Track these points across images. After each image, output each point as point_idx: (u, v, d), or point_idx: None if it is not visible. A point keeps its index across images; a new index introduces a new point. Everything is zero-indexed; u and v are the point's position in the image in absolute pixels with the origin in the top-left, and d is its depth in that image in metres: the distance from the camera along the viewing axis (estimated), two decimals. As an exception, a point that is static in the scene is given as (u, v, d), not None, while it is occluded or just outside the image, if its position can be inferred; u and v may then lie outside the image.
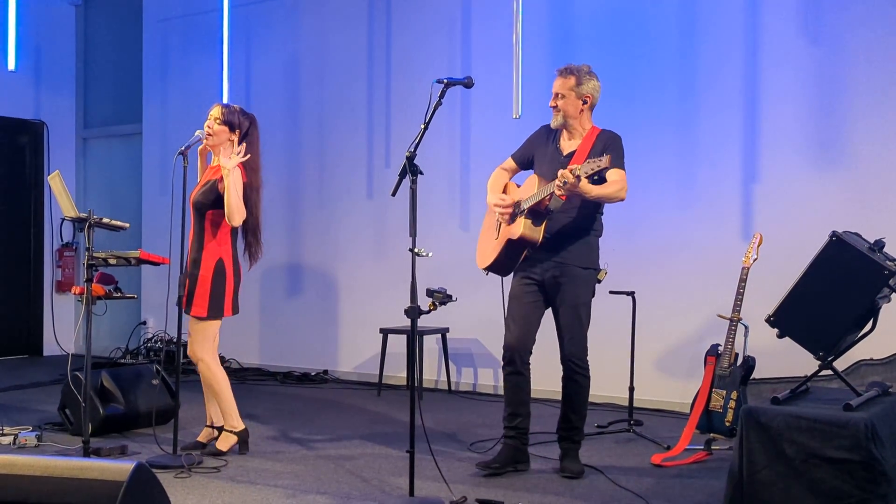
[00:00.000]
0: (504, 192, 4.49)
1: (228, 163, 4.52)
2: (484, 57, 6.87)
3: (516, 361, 4.34)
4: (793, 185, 5.76)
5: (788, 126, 5.79)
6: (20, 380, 7.28)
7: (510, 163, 4.60)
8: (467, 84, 4.12)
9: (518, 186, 4.47)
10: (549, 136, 4.48)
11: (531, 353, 4.39)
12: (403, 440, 4.44)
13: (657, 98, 6.22)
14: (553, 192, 4.02)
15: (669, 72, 6.19)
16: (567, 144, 4.39)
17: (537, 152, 4.48)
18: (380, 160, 7.45)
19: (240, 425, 4.78)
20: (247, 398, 6.07)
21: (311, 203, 7.81)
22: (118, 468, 2.74)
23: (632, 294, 5.45)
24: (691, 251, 6.07)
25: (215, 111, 4.73)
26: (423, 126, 3.98)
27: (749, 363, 4.79)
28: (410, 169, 3.91)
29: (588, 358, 4.38)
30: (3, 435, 4.95)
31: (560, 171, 3.92)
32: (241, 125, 4.72)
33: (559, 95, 4.33)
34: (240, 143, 4.70)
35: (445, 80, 4.06)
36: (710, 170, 6.04)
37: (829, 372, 3.63)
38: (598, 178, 4.06)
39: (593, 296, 4.40)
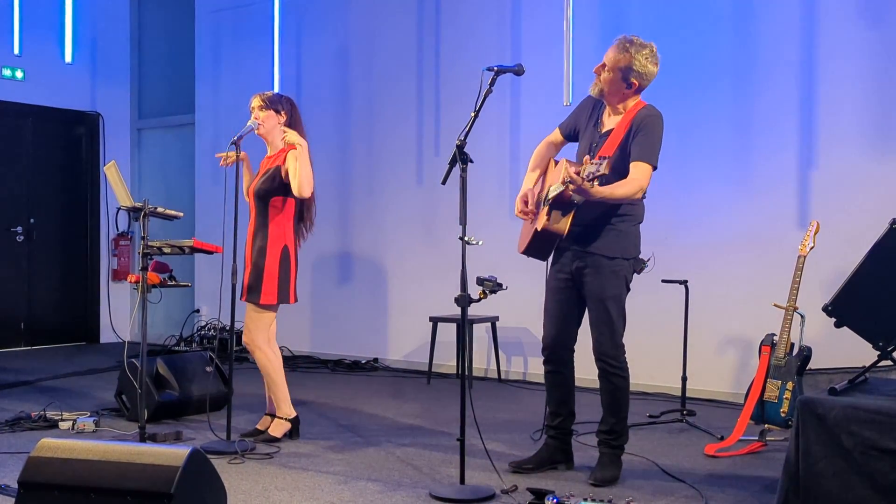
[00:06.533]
0: (545, 173, 4.22)
1: (300, 138, 4.62)
2: (534, 44, 6.82)
3: (554, 359, 4.17)
4: (851, 171, 5.63)
5: (846, 111, 5.66)
6: (78, 366, 7.44)
7: (557, 135, 4.30)
8: (518, 71, 4.05)
9: (554, 169, 4.14)
10: (594, 107, 4.17)
11: (572, 350, 4.18)
12: (453, 429, 4.44)
13: (712, 84, 6.11)
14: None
15: (724, 57, 6.08)
16: (608, 121, 4.09)
17: (581, 125, 4.20)
18: (429, 148, 7.45)
19: (292, 413, 4.84)
20: (298, 385, 6.11)
21: (361, 191, 7.84)
22: (174, 453, 2.79)
23: (685, 283, 5.38)
24: (746, 239, 5.97)
25: (255, 101, 4.82)
26: (473, 114, 3.95)
27: (805, 353, 4.71)
28: (460, 157, 3.88)
29: (626, 356, 4.05)
30: (63, 420, 5.07)
31: (566, 169, 3.71)
32: (284, 108, 4.82)
33: (605, 66, 3.99)
34: (287, 125, 4.80)
35: (496, 68, 4.00)
36: (766, 156, 5.93)
37: (889, 362, 3.55)
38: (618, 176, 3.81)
39: (628, 290, 4.06)
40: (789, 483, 3.34)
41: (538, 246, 4.11)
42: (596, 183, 3.70)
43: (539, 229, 3.99)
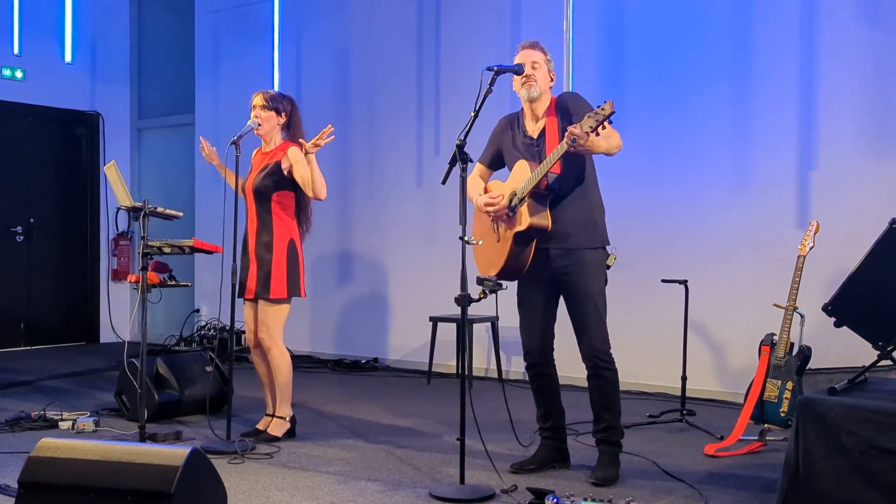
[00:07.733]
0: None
1: (315, 148, 4.58)
2: (534, 44, 6.81)
3: (538, 364, 4.19)
4: (851, 171, 5.63)
5: (846, 111, 5.66)
6: (78, 366, 7.44)
7: (480, 168, 4.32)
8: (518, 71, 4.06)
9: (502, 183, 4.16)
10: (511, 126, 4.22)
11: (553, 349, 4.21)
12: (453, 428, 4.44)
13: (712, 84, 6.11)
14: (548, 170, 3.84)
15: (724, 58, 6.08)
16: (534, 127, 4.12)
17: (505, 147, 4.22)
18: (429, 148, 7.44)
19: (290, 412, 4.86)
20: (298, 385, 6.09)
21: (361, 191, 7.84)
22: (174, 453, 2.79)
23: (685, 282, 5.38)
24: (746, 239, 5.97)
25: (258, 100, 4.80)
26: (472, 114, 3.95)
27: (805, 353, 4.70)
28: (460, 157, 3.89)
29: (612, 350, 4.05)
30: (63, 420, 5.07)
31: (568, 129, 3.70)
32: (285, 108, 4.82)
33: (534, 64, 4.04)
34: (287, 125, 4.82)
35: (496, 68, 4.00)
36: (766, 156, 5.92)
37: (889, 362, 3.55)
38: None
39: (606, 282, 4.09)
40: (789, 483, 3.34)
41: (518, 251, 4.03)
42: (590, 134, 3.68)
43: (523, 229, 3.96)
